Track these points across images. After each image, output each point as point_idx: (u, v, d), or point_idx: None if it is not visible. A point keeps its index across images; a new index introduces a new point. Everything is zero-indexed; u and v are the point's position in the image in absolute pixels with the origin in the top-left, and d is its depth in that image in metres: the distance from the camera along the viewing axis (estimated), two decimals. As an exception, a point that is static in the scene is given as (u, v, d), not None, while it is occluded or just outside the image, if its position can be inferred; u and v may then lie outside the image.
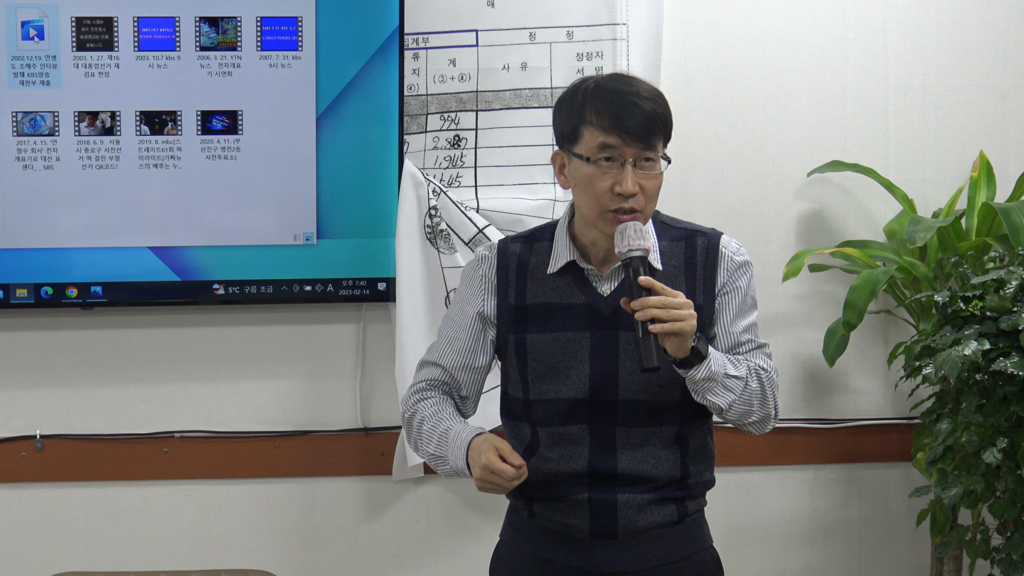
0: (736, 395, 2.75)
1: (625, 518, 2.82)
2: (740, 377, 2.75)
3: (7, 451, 4.09)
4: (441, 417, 2.86)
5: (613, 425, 2.80)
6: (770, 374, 2.81)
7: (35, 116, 3.91)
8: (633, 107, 2.71)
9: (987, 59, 4.28)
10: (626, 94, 2.73)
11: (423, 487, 4.21)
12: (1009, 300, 3.70)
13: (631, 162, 2.72)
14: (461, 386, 2.92)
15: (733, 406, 2.76)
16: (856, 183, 4.24)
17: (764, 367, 2.80)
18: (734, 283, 2.82)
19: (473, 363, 2.91)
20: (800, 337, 4.27)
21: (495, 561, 2.99)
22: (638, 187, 2.72)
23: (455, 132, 4.06)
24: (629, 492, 2.81)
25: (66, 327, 4.09)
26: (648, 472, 2.81)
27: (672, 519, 2.85)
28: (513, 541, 2.95)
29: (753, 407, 2.78)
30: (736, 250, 2.85)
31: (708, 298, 2.81)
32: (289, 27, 3.94)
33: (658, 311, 2.64)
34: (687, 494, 2.86)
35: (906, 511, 4.33)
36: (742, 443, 4.22)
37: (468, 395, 2.94)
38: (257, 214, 3.98)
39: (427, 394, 2.91)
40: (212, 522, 4.17)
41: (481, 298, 2.89)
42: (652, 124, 2.72)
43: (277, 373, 4.16)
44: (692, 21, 4.17)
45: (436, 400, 2.90)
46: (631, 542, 2.83)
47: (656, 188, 2.76)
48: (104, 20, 3.90)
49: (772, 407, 2.82)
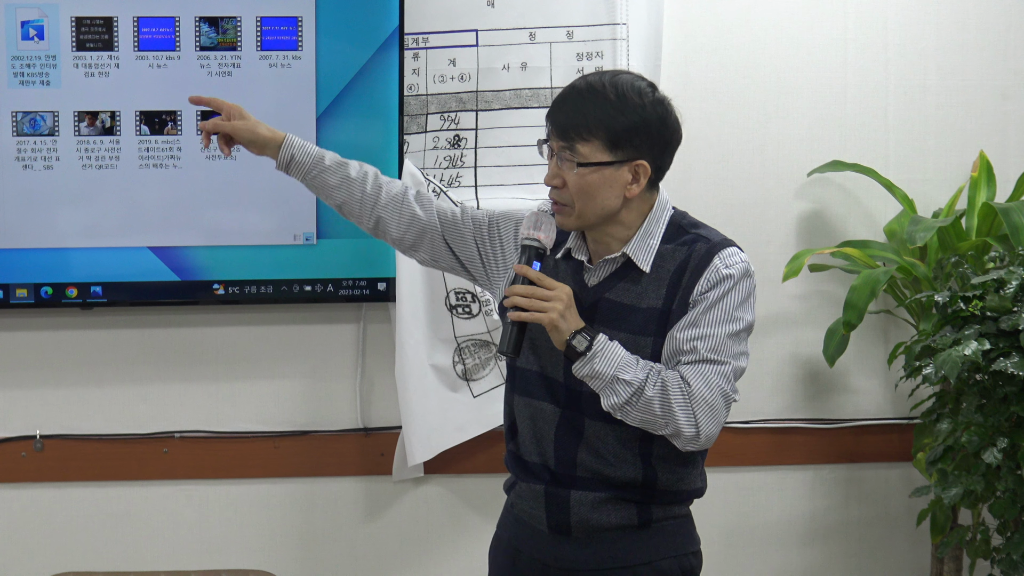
0: (621, 400, 2.70)
1: (578, 515, 2.82)
2: (631, 383, 2.69)
3: (7, 451, 4.09)
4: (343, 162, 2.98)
5: (582, 415, 2.81)
6: (691, 389, 2.71)
7: (35, 116, 3.91)
8: (564, 100, 2.77)
9: (987, 59, 4.28)
10: (577, 88, 2.78)
11: (423, 487, 4.21)
12: (1009, 300, 3.70)
13: (556, 154, 2.77)
14: (425, 211, 2.96)
15: (623, 410, 2.71)
16: (856, 183, 4.24)
17: (688, 381, 2.71)
18: (705, 294, 2.76)
19: (455, 220, 2.96)
20: (800, 337, 4.27)
21: (490, 549, 3.05)
22: (560, 180, 2.76)
23: (455, 132, 4.06)
24: (585, 488, 2.82)
25: (66, 327, 4.09)
26: (603, 470, 2.81)
27: (631, 522, 2.83)
28: (499, 528, 3.02)
29: (656, 417, 2.71)
30: (729, 264, 2.76)
31: (682, 305, 2.77)
32: (289, 27, 3.94)
33: (521, 299, 2.69)
34: (651, 499, 2.83)
35: (906, 511, 4.33)
36: (742, 443, 4.23)
37: (407, 212, 2.96)
38: (257, 214, 3.98)
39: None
40: (212, 522, 4.17)
41: (515, 242, 2.92)
42: (575, 122, 2.74)
43: (277, 373, 4.16)
44: (692, 21, 4.17)
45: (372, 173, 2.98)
46: (586, 540, 2.84)
47: (577, 187, 2.75)
48: (104, 20, 3.89)
49: (686, 424, 2.71)
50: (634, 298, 2.77)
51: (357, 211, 2.97)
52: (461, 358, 4.09)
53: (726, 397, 2.74)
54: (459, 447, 4.11)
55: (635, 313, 2.75)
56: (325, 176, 2.96)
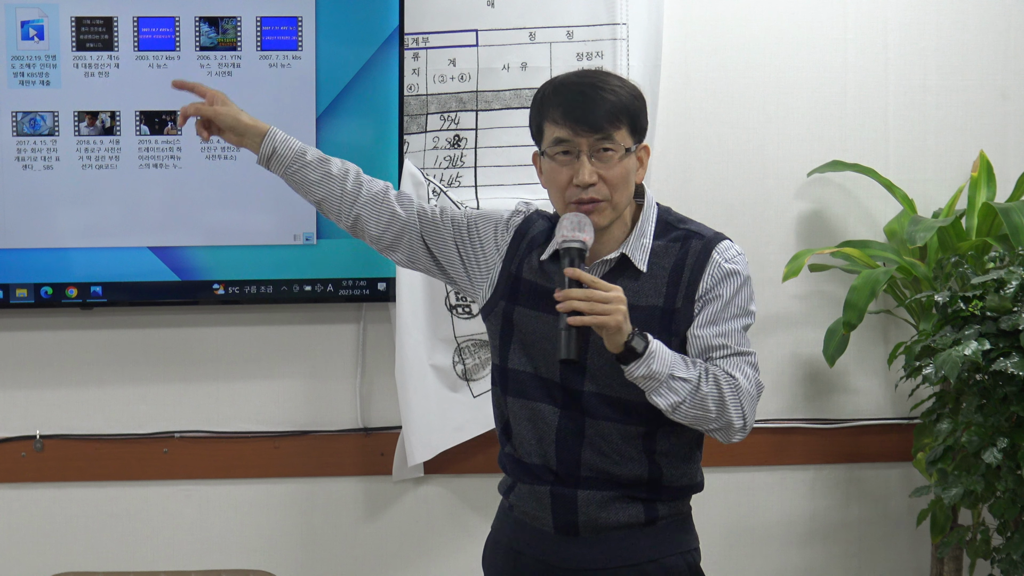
0: (681, 398, 2.70)
1: (586, 514, 2.82)
2: (688, 380, 2.70)
3: (7, 451, 4.09)
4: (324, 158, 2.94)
5: (582, 415, 2.80)
6: (737, 382, 2.73)
7: (35, 116, 3.91)
8: (582, 97, 2.74)
9: (987, 59, 4.28)
10: (579, 86, 2.76)
11: (423, 487, 4.21)
12: (1009, 300, 3.70)
13: (587, 153, 2.73)
14: (403, 210, 2.93)
15: (680, 408, 2.71)
16: (856, 183, 4.24)
17: (732, 375, 2.74)
18: (717, 291, 2.77)
19: (435, 220, 2.93)
20: (800, 337, 4.27)
21: (484, 552, 3.02)
22: (596, 177, 2.73)
23: (455, 132, 4.06)
24: (591, 488, 2.81)
25: (66, 327, 4.09)
26: (610, 469, 2.80)
27: (638, 520, 2.83)
28: (495, 532, 2.99)
29: (709, 412, 2.72)
30: (729, 258, 2.79)
31: (687, 302, 2.78)
32: (289, 27, 3.94)
33: (580, 303, 2.64)
34: (657, 496, 2.83)
35: (906, 511, 4.33)
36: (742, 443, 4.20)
37: (386, 211, 2.93)
38: (257, 214, 3.97)
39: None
40: (212, 522, 4.17)
41: (495, 243, 2.90)
42: (605, 113, 2.73)
43: (277, 373, 4.16)
44: (692, 21, 4.17)
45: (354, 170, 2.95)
46: (594, 539, 2.83)
47: (619, 176, 2.75)
48: (104, 20, 3.89)
49: (736, 416, 2.75)
50: (633, 297, 2.76)
51: (336, 208, 2.94)
52: (461, 358, 4.09)
53: (759, 387, 2.79)
54: (459, 447, 4.11)
55: (635, 312, 2.75)
56: (306, 171, 2.93)
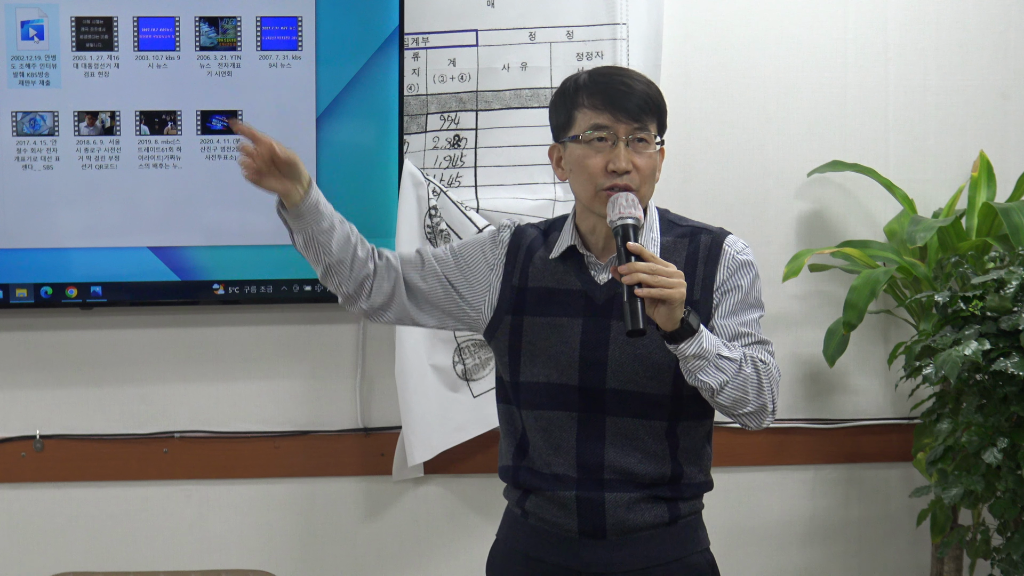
0: (728, 377, 2.71)
1: (613, 517, 2.81)
2: (734, 360, 2.71)
3: (7, 451, 4.09)
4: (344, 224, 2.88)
5: (603, 415, 2.80)
6: (768, 367, 2.76)
7: (35, 116, 3.91)
8: (624, 87, 2.76)
9: (987, 59, 4.28)
10: (618, 76, 2.79)
11: (423, 487, 4.21)
12: (1009, 300, 3.70)
13: (624, 140, 2.75)
14: (401, 264, 2.90)
15: (725, 388, 2.71)
16: (856, 183, 4.24)
17: (763, 359, 2.76)
18: (734, 281, 2.81)
19: (434, 270, 2.90)
20: (800, 337, 4.27)
21: (490, 560, 3.00)
22: (632, 165, 2.75)
23: (455, 132, 4.07)
24: (617, 490, 2.80)
25: (66, 327, 4.09)
26: (635, 468, 2.80)
27: (663, 520, 2.83)
28: (506, 540, 2.96)
29: (748, 395, 2.74)
30: (740, 249, 2.83)
31: (706, 294, 2.80)
32: (289, 27, 3.94)
33: (645, 276, 2.62)
34: (679, 495, 2.84)
35: (906, 511, 4.33)
36: (742, 443, 4.23)
37: (388, 267, 2.90)
38: (257, 214, 3.97)
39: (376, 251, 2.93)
40: (212, 522, 4.17)
41: (485, 261, 2.90)
42: (643, 103, 2.76)
43: (277, 373, 4.16)
44: (692, 21, 4.17)
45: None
46: (621, 541, 2.83)
47: (651, 168, 2.77)
48: (104, 20, 3.89)
49: (769, 400, 2.77)
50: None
51: (347, 275, 2.88)
52: (461, 358, 4.09)
53: (780, 373, 2.82)
54: (459, 447, 4.11)
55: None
56: (336, 233, 2.85)
